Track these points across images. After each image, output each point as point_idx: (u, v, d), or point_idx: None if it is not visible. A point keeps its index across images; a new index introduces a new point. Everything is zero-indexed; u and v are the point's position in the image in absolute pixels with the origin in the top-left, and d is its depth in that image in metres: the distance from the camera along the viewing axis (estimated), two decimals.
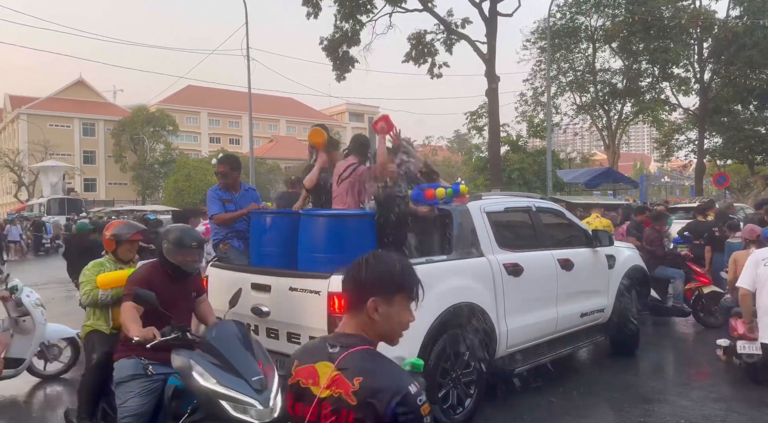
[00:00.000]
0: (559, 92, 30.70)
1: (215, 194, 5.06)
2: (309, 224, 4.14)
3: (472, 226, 4.81)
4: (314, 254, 4.01)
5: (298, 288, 3.88)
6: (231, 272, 4.57)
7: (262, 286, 4.13)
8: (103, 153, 60.14)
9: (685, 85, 28.47)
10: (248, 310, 4.17)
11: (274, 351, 4.08)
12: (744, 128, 26.90)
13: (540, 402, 5.00)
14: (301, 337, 3.90)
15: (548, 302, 5.35)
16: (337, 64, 22.12)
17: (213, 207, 5.00)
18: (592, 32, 28.52)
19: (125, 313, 3.36)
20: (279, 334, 4.06)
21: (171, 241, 3.49)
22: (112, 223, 4.33)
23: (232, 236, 4.95)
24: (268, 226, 4.43)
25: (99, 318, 4.02)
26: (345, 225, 4.11)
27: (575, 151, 46.19)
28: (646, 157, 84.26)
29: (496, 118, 20.45)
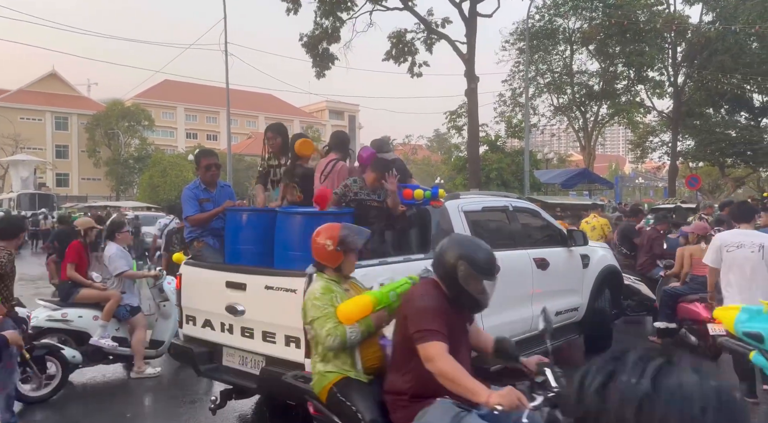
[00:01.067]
0: (537, 93, 31.00)
1: (192, 193, 4.91)
2: (286, 222, 4.11)
3: (449, 224, 4.83)
4: (291, 252, 3.97)
5: (274, 286, 3.85)
6: (206, 270, 4.52)
7: (238, 284, 4.08)
8: (76, 147, 58.91)
9: (659, 88, 28.99)
10: (223, 308, 4.12)
11: (249, 350, 4.04)
12: (715, 131, 27.46)
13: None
14: (277, 335, 3.86)
15: (524, 301, 5.40)
16: (317, 61, 21.99)
17: (189, 208, 4.86)
18: (569, 34, 28.83)
19: (448, 363, 2.34)
20: (254, 333, 4.02)
21: (474, 262, 2.54)
22: (328, 225, 3.20)
23: (207, 234, 4.84)
24: (244, 224, 4.38)
25: (345, 361, 2.88)
26: (321, 223, 4.04)
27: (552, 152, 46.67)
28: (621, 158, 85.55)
29: (475, 118, 20.54)
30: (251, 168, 44.84)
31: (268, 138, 5.29)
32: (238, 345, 4.10)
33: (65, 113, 58.80)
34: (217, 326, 4.25)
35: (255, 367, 3.97)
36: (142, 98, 59.53)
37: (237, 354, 4.14)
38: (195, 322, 4.45)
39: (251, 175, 36.37)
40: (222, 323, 4.19)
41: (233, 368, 4.16)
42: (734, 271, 5.07)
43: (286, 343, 3.76)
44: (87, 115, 55.39)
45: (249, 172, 37.54)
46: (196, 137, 65.68)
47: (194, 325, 4.46)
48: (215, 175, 5.02)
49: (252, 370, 3.99)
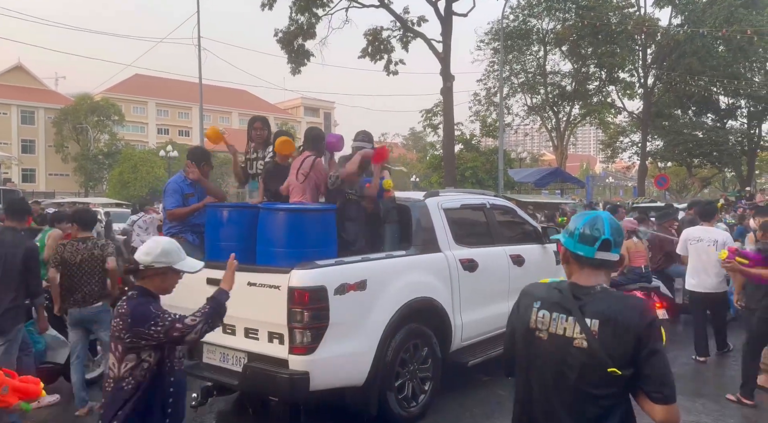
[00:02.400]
0: (511, 93, 31.36)
1: (177, 186, 4.86)
2: (269, 219, 4.10)
3: (430, 222, 4.89)
4: (273, 249, 3.98)
5: (257, 283, 3.83)
6: None
7: (219, 280, 4.01)
8: (43, 142, 57.29)
9: (630, 90, 29.62)
10: None
11: (231, 347, 4.02)
12: (683, 132, 28.16)
13: (489, 396, 5.06)
14: (260, 332, 3.85)
15: (501, 296, 5.48)
16: (292, 58, 21.85)
17: (171, 200, 4.80)
18: (543, 35, 29.23)
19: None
20: (236, 329, 3.99)
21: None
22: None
23: (187, 230, 4.79)
24: (225, 220, 4.34)
25: None
26: (305, 219, 4.09)
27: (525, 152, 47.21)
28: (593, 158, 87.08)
29: (450, 116, 20.67)
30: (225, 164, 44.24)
31: (256, 128, 5.28)
32: (219, 342, 4.06)
33: (32, 107, 57.11)
34: None
35: (237, 363, 3.94)
36: (112, 93, 58.20)
37: (218, 351, 4.10)
38: None
39: (224, 172, 35.92)
40: None
41: (214, 365, 4.12)
42: (693, 258, 6.30)
43: (269, 339, 3.74)
44: (54, 110, 53.92)
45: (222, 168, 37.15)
46: (168, 133, 64.53)
47: None
48: (206, 173, 4.99)
49: (234, 366, 3.96)
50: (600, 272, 1.89)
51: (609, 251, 1.86)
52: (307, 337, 3.60)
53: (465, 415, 4.62)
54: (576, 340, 1.77)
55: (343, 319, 3.79)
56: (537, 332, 1.86)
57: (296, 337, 3.60)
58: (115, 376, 2.36)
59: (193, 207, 4.80)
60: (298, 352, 3.60)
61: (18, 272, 4.18)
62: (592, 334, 1.75)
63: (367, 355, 3.96)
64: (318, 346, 3.63)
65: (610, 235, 1.86)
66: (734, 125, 30.62)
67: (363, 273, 4.00)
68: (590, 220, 1.89)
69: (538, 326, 1.86)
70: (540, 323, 1.86)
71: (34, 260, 4.30)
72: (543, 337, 1.84)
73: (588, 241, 1.86)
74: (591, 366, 1.74)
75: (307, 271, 3.69)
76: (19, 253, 4.21)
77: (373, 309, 4.03)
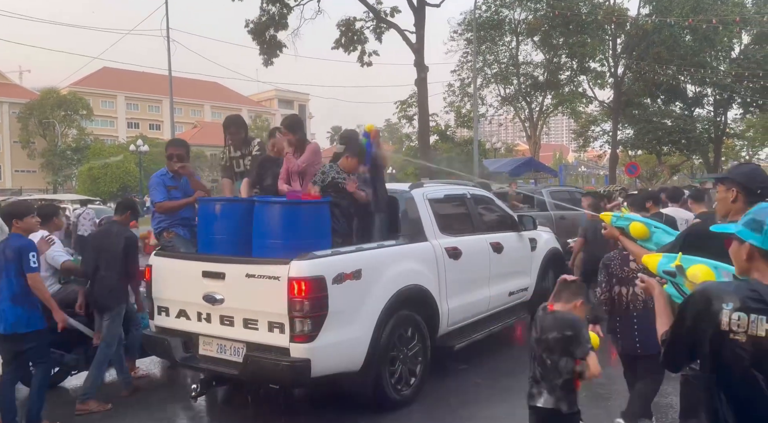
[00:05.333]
0: (485, 84, 31.56)
1: (160, 180, 4.93)
2: (264, 211, 4.16)
3: (416, 212, 5.04)
4: (270, 241, 4.04)
5: (255, 274, 3.90)
6: (179, 261, 4.52)
7: (216, 273, 4.11)
8: (8, 138, 55.71)
9: (600, 79, 30.11)
10: (199, 298, 4.14)
11: (228, 338, 4.09)
12: (652, 120, 28.77)
13: (466, 384, 5.10)
14: (259, 322, 3.92)
15: (482, 283, 5.70)
16: (264, 49, 21.66)
17: (157, 194, 4.86)
18: (515, 25, 29.47)
19: None
20: (234, 320, 4.05)
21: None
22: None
23: (177, 224, 4.85)
24: (219, 214, 4.39)
25: None
26: (301, 212, 4.17)
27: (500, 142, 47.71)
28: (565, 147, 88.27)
29: (425, 107, 20.79)
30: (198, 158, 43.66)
31: (231, 133, 5.31)
32: (216, 333, 4.12)
33: None
34: (193, 316, 4.25)
35: (235, 354, 4.00)
36: (79, 86, 56.82)
37: (215, 342, 4.16)
38: (168, 312, 4.44)
39: (198, 166, 35.50)
40: (199, 313, 4.19)
41: (210, 356, 4.18)
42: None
43: (269, 328, 3.82)
44: (19, 104, 52.45)
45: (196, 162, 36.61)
46: (138, 126, 63.36)
47: (167, 316, 4.44)
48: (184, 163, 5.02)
49: (231, 357, 4.02)
50: None
51: None
52: (307, 326, 3.68)
53: (441, 404, 4.66)
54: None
55: (341, 307, 3.88)
56: (731, 335, 1.72)
57: (297, 326, 3.69)
58: None
59: (183, 201, 4.85)
60: (299, 340, 3.69)
61: (120, 258, 4.78)
62: None
63: (364, 341, 4.07)
64: (318, 334, 3.72)
65: None
66: (701, 113, 31.42)
67: (358, 262, 4.10)
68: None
69: (732, 329, 1.71)
70: (735, 326, 1.70)
71: (133, 248, 4.91)
72: (741, 339, 1.71)
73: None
74: None
75: (306, 261, 3.77)
76: (121, 242, 4.79)
77: (367, 297, 4.14)
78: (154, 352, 4.77)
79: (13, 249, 4.10)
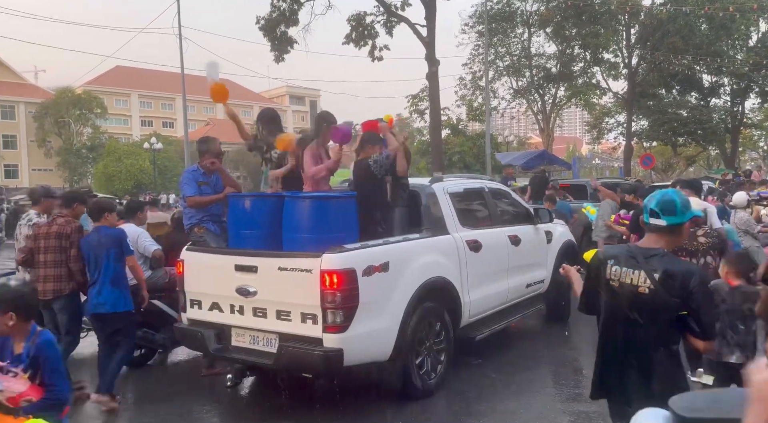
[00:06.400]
0: (497, 76, 31.43)
1: (192, 176, 5.08)
2: (294, 206, 4.28)
3: (438, 206, 5.14)
4: (299, 235, 4.15)
5: (288, 267, 4.01)
6: (212, 255, 4.65)
7: (248, 267, 4.22)
8: (24, 137, 56.40)
9: (614, 70, 29.82)
10: (233, 291, 4.26)
11: (261, 329, 4.22)
12: (668, 111, 28.50)
13: (481, 378, 5.15)
14: (292, 313, 4.04)
15: (501, 275, 5.80)
16: (275, 45, 21.67)
17: (188, 189, 5.01)
18: (527, 17, 29.28)
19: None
20: (267, 312, 4.17)
21: None
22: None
23: (207, 220, 4.99)
24: (249, 209, 4.50)
25: None
26: (329, 206, 4.28)
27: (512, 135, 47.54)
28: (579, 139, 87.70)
29: (436, 101, 20.73)
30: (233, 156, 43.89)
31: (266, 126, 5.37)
32: (249, 325, 4.25)
33: (11, 102, 56.12)
34: (225, 308, 4.37)
35: (268, 345, 4.12)
36: (93, 85, 57.34)
37: (247, 334, 4.28)
38: (201, 305, 4.56)
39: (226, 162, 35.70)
40: (231, 305, 4.32)
41: (243, 347, 4.30)
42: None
43: (302, 320, 3.93)
44: (35, 104, 53.02)
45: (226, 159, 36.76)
46: (152, 125, 63.84)
47: (200, 309, 4.57)
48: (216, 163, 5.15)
49: (265, 348, 4.14)
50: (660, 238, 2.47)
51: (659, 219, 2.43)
52: (339, 317, 3.79)
53: (457, 398, 4.69)
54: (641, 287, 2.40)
55: (371, 299, 3.99)
56: (611, 282, 2.49)
57: (329, 317, 3.80)
58: None
59: (213, 196, 4.99)
60: (332, 330, 3.80)
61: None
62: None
63: (392, 332, 4.18)
64: (350, 325, 3.83)
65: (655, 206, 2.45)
66: (718, 103, 31.06)
67: (386, 255, 4.20)
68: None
69: (611, 277, 2.48)
70: (613, 275, 2.48)
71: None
72: (615, 284, 2.47)
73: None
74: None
75: (337, 254, 3.88)
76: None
77: (395, 288, 4.24)
78: (188, 345, 4.89)
79: (109, 237, 4.64)
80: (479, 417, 4.27)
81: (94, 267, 4.62)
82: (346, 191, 4.63)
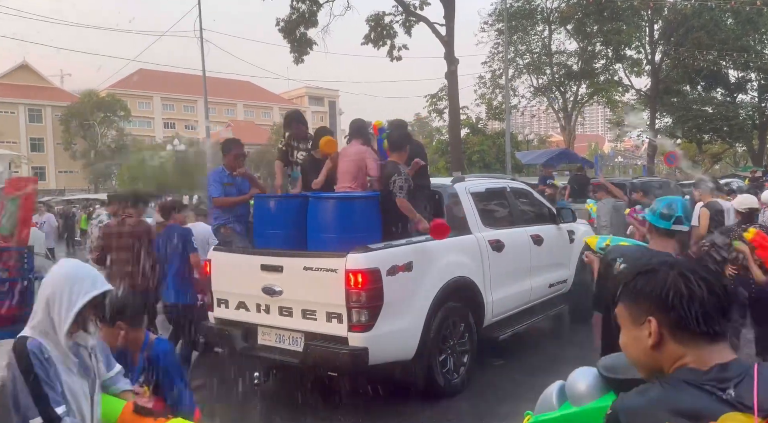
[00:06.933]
0: (517, 74, 31.20)
1: (217, 177, 5.22)
2: (318, 207, 4.36)
3: (460, 206, 5.17)
4: (324, 235, 4.19)
5: (313, 267, 4.09)
6: (238, 255, 4.73)
7: (274, 267, 4.30)
8: (51, 140, 57.63)
9: (637, 67, 29.38)
10: (259, 290, 4.34)
11: (287, 328, 4.28)
12: (692, 108, 27.97)
13: (503, 380, 5.13)
14: (317, 312, 4.10)
15: (523, 274, 5.80)
16: (294, 46, 21.80)
17: (214, 190, 5.14)
18: (547, 14, 29.03)
19: None
20: (293, 311, 4.24)
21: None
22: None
23: (233, 220, 5.09)
24: (274, 210, 4.57)
25: None
26: (353, 207, 4.33)
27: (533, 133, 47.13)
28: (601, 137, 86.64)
29: (456, 100, 20.64)
30: None
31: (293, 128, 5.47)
32: (275, 324, 4.31)
33: (39, 105, 57.42)
34: (252, 307, 4.44)
35: (293, 343, 4.18)
36: (117, 88, 58.33)
37: (273, 332, 4.34)
38: (227, 304, 4.64)
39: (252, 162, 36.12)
40: (258, 304, 4.38)
41: (269, 346, 4.37)
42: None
43: (327, 319, 3.98)
44: (61, 107, 54.12)
45: None
46: (174, 127, 64.73)
47: (227, 308, 4.65)
48: (241, 163, 5.31)
49: (290, 346, 4.20)
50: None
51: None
52: (364, 316, 3.84)
53: (480, 399, 4.67)
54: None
55: (395, 298, 4.02)
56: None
57: (354, 316, 3.85)
58: None
59: (239, 197, 5.09)
60: (357, 329, 3.85)
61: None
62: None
63: (416, 331, 4.21)
64: (374, 324, 3.86)
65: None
66: (745, 99, 30.38)
67: (409, 255, 4.23)
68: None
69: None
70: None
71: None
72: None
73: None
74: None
75: (361, 254, 3.92)
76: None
77: (418, 288, 4.27)
78: (216, 343, 4.97)
79: (179, 235, 5.11)
80: (502, 419, 4.24)
81: (164, 262, 5.11)
82: (369, 191, 4.65)
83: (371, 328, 3.85)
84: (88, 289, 1.88)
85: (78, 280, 1.88)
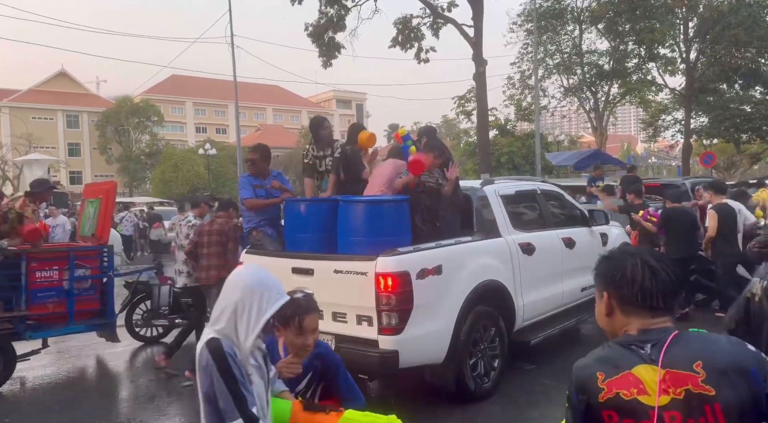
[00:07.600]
0: (547, 75, 30.82)
1: (247, 180, 5.34)
2: (348, 210, 4.38)
3: (490, 209, 5.14)
4: (354, 238, 4.23)
5: (343, 270, 4.12)
6: (270, 258, 4.79)
7: (305, 269, 4.35)
8: (87, 145, 59.34)
9: (671, 65, 28.70)
10: None
11: None
12: (729, 107, 27.18)
13: (534, 385, 5.08)
14: (348, 315, 4.14)
15: (555, 278, 5.73)
16: (323, 51, 21.97)
17: (245, 192, 5.25)
18: (578, 14, 28.62)
19: None
20: (324, 314, 4.25)
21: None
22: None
23: (265, 223, 5.16)
24: (305, 213, 4.63)
25: None
26: (383, 210, 4.35)
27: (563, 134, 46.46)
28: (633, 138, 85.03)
29: (484, 102, 20.51)
30: None
31: (325, 128, 5.51)
32: None
33: (76, 111, 59.20)
34: None
35: None
36: (150, 94, 59.76)
37: None
38: None
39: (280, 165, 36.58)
40: None
41: None
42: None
43: (357, 322, 3.99)
44: (97, 113, 55.69)
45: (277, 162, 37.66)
46: (206, 131, 65.92)
47: None
48: (260, 167, 5.43)
49: None
50: None
51: None
52: (394, 319, 3.83)
53: (510, 404, 4.62)
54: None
55: (425, 302, 4.01)
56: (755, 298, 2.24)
57: (384, 319, 3.85)
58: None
59: (271, 200, 5.15)
60: (387, 332, 3.85)
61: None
62: None
63: (446, 335, 4.19)
64: (405, 327, 3.86)
65: None
66: None
67: (438, 258, 4.21)
68: None
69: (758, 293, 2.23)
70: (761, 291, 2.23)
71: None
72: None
73: None
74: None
75: (391, 258, 3.93)
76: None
77: (448, 291, 4.24)
78: None
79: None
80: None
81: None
82: (398, 195, 4.65)
83: (401, 331, 3.85)
84: (277, 298, 1.92)
85: (267, 288, 1.92)
